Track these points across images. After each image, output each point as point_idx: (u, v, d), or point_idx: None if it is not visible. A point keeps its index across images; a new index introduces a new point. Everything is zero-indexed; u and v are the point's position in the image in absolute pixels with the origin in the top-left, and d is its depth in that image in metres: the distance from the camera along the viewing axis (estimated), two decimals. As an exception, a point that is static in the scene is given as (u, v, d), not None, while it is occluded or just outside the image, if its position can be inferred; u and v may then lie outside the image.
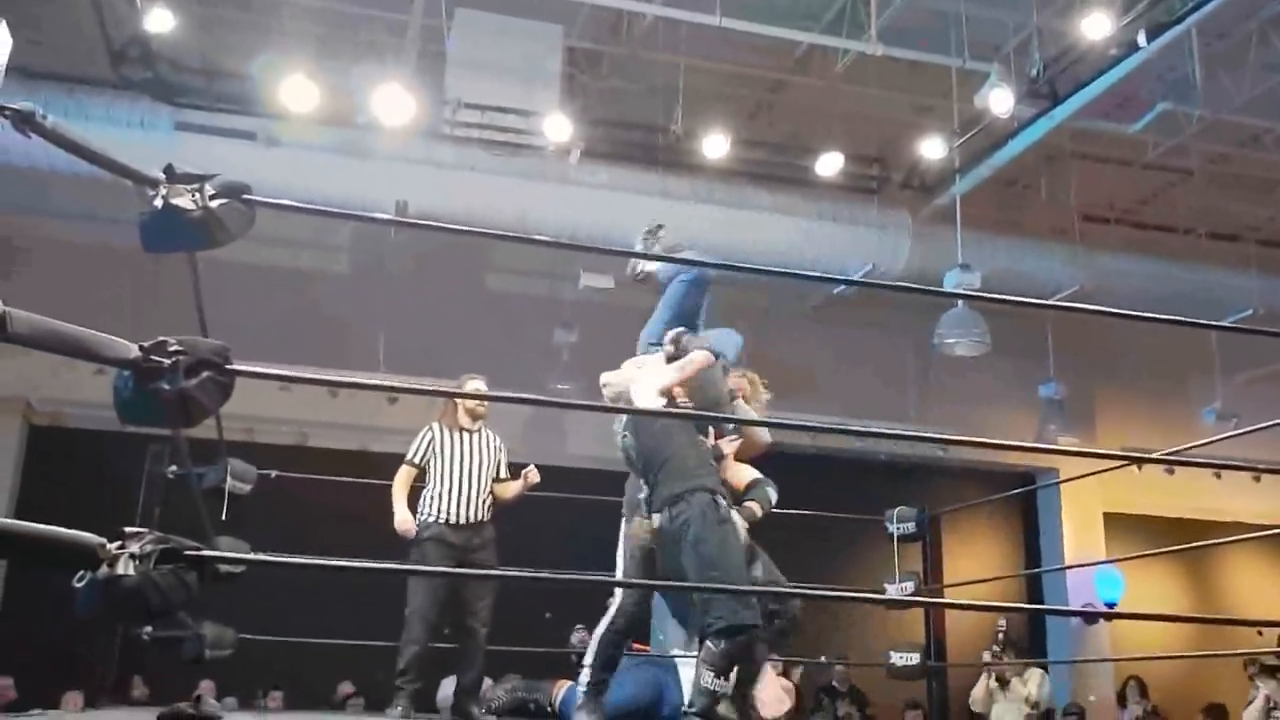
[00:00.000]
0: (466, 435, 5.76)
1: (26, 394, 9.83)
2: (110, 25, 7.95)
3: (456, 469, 5.65)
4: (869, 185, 9.88)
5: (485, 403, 5.87)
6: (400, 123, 8.25)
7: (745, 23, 8.08)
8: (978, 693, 8.76)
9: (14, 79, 7.91)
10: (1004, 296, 4.66)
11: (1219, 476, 10.10)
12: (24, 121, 2.12)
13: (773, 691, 6.47)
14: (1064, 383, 11.34)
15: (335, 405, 9.89)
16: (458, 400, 5.67)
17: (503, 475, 5.83)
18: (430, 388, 8.89)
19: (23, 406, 9.96)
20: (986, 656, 8.79)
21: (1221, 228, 11.35)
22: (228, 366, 2.19)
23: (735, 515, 4.34)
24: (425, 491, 5.65)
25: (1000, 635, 8.80)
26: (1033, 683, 8.62)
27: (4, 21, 2.15)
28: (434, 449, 5.70)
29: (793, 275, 7.58)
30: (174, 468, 6.05)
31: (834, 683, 10.21)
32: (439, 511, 5.57)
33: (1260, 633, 7.38)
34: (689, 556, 4.00)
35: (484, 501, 5.68)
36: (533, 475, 5.79)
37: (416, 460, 5.69)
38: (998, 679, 8.63)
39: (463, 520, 5.58)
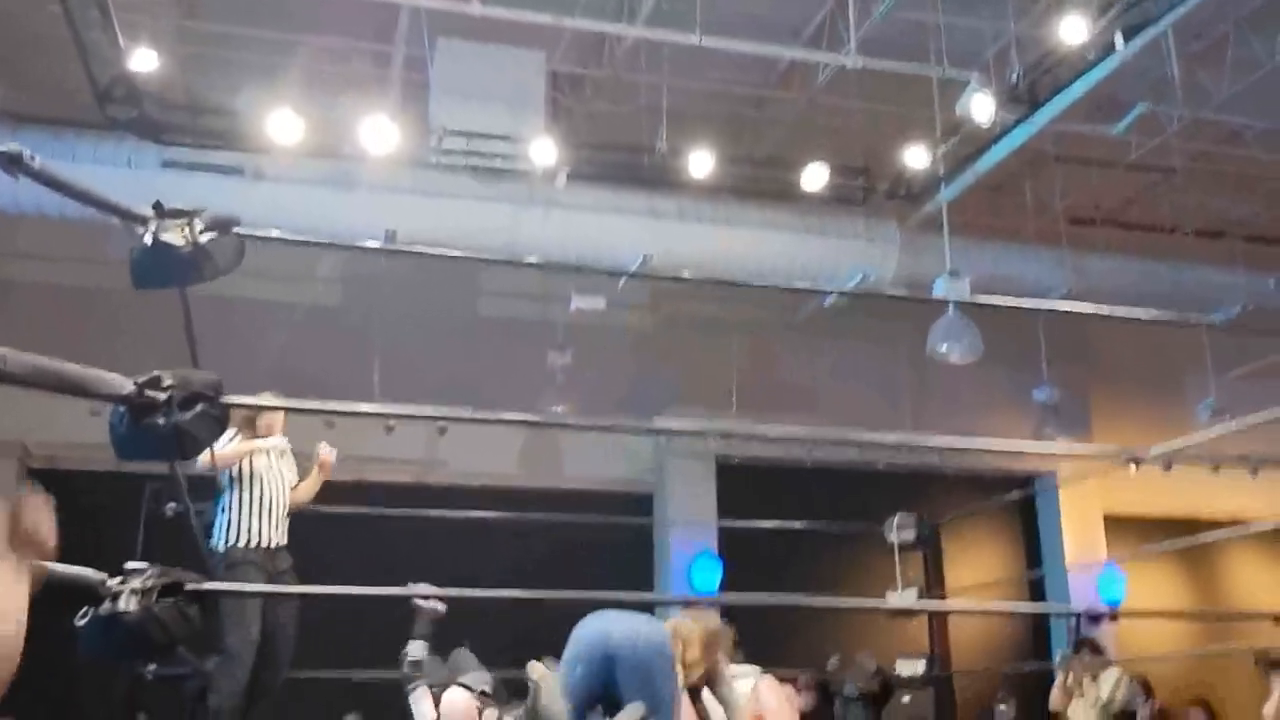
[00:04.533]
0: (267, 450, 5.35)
1: (22, 437, 9.81)
2: (95, 66, 7.97)
3: (261, 488, 5.22)
4: (855, 196, 9.90)
5: (282, 418, 5.44)
6: (386, 152, 8.28)
7: (725, 40, 8.13)
8: (1054, 693, 8.63)
9: (0, 123, 7.97)
10: (997, 300, 4.68)
11: (1216, 470, 10.11)
12: (13, 163, 2.15)
13: (775, 698, 6.48)
14: (1058, 385, 11.35)
15: (327, 435, 9.86)
16: (254, 413, 5.16)
17: (295, 484, 5.49)
18: (426, 412, 8.90)
19: (19, 450, 9.94)
20: (1057, 657, 8.66)
21: (1207, 225, 11.40)
22: (221, 399, 2.21)
23: None
24: (229, 511, 5.15)
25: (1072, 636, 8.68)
26: (1107, 683, 8.46)
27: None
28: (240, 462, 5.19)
29: (783, 288, 7.63)
30: (172, 504, 6.04)
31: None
32: (252, 534, 5.14)
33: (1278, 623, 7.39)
34: None
35: (286, 523, 5.31)
36: (328, 456, 5.48)
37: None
38: (1074, 679, 8.49)
39: (274, 544, 5.20)
